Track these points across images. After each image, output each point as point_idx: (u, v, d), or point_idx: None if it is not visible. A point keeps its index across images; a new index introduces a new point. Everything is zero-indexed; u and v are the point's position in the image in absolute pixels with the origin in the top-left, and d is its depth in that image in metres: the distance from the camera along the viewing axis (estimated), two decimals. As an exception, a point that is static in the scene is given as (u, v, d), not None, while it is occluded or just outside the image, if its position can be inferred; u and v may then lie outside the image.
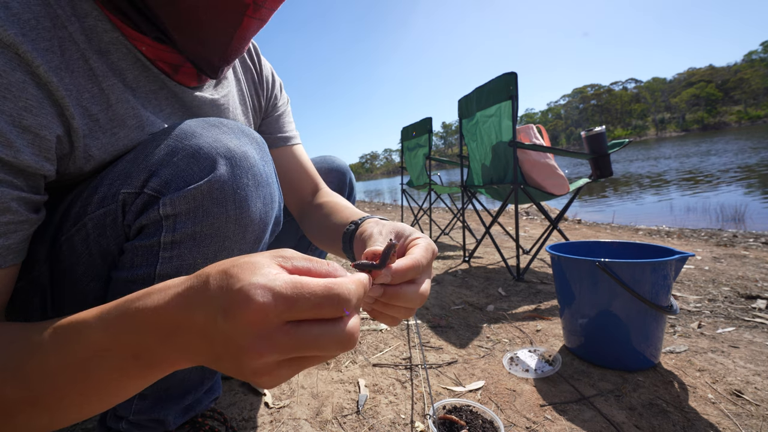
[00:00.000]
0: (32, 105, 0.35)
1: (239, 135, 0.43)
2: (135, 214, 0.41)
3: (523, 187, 1.68)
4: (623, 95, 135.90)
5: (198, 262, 0.42)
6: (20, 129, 0.34)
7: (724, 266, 1.78)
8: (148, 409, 0.54)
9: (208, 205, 0.40)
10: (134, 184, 0.40)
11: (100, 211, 0.42)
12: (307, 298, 0.23)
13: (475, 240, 2.64)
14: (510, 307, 1.35)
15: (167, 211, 0.39)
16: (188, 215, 0.40)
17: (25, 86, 0.34)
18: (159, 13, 0.41)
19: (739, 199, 4.62)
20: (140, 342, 0.26)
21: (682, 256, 0.84)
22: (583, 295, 0.92)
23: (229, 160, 0.41)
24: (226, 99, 0.59)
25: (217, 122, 0.44)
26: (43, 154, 0.37)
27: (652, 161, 13.44)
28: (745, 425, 0.68)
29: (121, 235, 0.43)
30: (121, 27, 0.43)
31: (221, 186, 0.40)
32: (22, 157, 0.34)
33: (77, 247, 0.43)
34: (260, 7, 0.43)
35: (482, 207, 2.27)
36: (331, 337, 0.24)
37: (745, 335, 1.03)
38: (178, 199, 0.39)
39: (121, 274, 0.42)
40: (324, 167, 0.85)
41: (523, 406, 0.77)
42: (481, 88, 1.82)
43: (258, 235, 0.46)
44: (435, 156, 2.89)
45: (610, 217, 4.34)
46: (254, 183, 0.43)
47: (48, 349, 0.28)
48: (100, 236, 0.42)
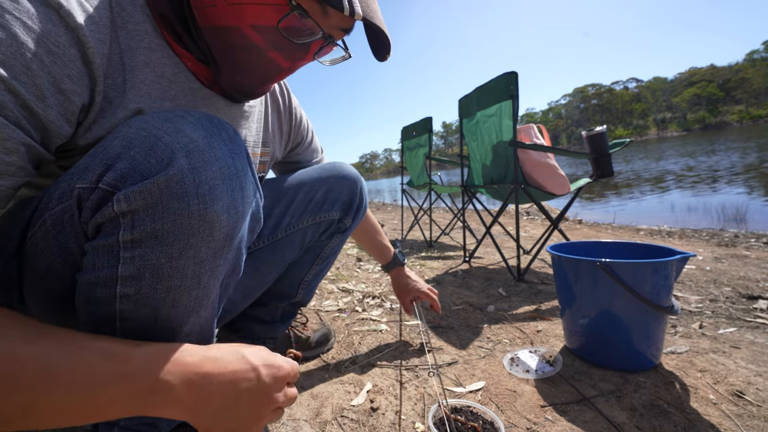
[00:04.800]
0: (74, 75, 0.41)
1: (204, 124, 0.42)
2: (91, 210, 0.39)
3: (524, 186, 1.68)
4: (624, 95, 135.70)
5: (162, 261, 0.39)
6: (57, 90, 0.39)
7: (725, 266, 1.78)
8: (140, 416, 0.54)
9: (168, 201, 0.37)
10: (89, 179, 0.38)
11: (58, 208, 0.40)
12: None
13: (475, 240, 2.64)
14: (510, 307, 1.35)
15: (122, 208, 0.37)
16: (146, 211, 0.37)
17: (75, 61, 0.40)
18: (214, 51, 0.50)
19: (740, 199, 4.61)
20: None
21: (684, 256, 0.84)
22: (584, 296, 0.92)
23: (190, 152, 0.39)
24: (252, 108, 0.66)
25: (183, 113, 0.42)
26: (67, 116, 0.41)
27: (652, 161, 13.42)
28: (746, 426, 0.67)
29: (81, 234, 0.41)
30: (169, 41, 0.50)
31: (181, 179, 0.38)
32: (49, 112, 0.39)
33: (39, 244, 0.42)
34: (294, 69, 0.55)
35: (482, 207, 2.26)
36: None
37: (746, 336, 1.03)
38: (134, 194, 0.37)
39: (84, 276, 0.40)
40: (334, 175, 0.82)
41: (523, 406, 0.76)
42: (482, 88, 1.82)
43: (228, 232, 0.42)
44: (435, 156, 2.88)
45: (611, 217, 4.33)
46: (221, 175, 0.40)
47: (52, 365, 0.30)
48: (59, 234, 0.41)
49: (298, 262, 0.87)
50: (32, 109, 0.37)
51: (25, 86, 0.36)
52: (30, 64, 0.36)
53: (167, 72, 0.50)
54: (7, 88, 0.35)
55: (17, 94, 0.36)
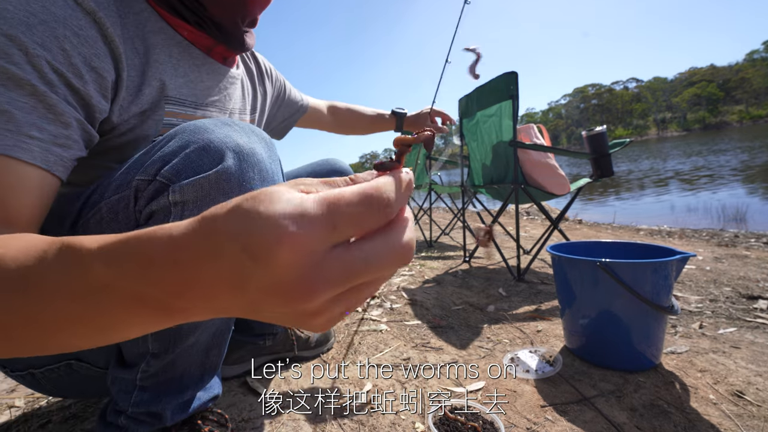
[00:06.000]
0: (99, 53, 0.45)
1: (249, 133, 0.47)
2: (146, 200, 0.44)
3: (524, 186, 1.68)
4: (624, 95, 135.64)
5: None
6: (89, 68, 0.43)
7: (725, 266, 1.78)
8: (147, 402, 0.55)
9: (215, 195, 0.43)
10: (148, 172, 0.44)
11: (114, 197, 0.45)
12: (347, 212, 0.19)
13: (475, 240, 2.64)
14: (510, 307, 1.35)
15: (176, 198, 0.42)
16: (195, 203, 0.43)
17: (96, 41, 0.44)
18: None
19: (740, 199, 4.61)
20: (147, 286, 0.22)
21: (684, 256, 0.84)
22: (584, 296, 0.92)
23: (237, 155, 0.44)
24: (240, 74, 0.72)
25: (229, 121, 0.47)
26: (102, 92, 0.45)
27: (653, 161, 13.41)
28: (746, 426, 0.67)
29: (132, 221, 0.46)
30: (167, 18, 0.55)
31: (228, 177, 0.43)
32: (88, 87, 0.43)
33: (91, 230, 0.46)
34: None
35: (483, 207, 2.26)
36: (387, 250, 0.21)
37: (746, 336, 1.03)
38: (187, 186, 0.42)
39: None
40: (326, 169, 0.87)
41: (523, 406, 0.76)
42: (482, 88, 1.82)
43: None
44: (435, 156, 2.88)
45: (611, 217, 4.33)
46: (260, 177, 0.45)
47: (47, 272, 0.24)
48: (112, 221, 0.46)
49: None
50: (74, 86, 0.42)
51: (64, 66, 0.40)
52: (64, 45, 0.40)
53: (174, 52, 0.56)
54: (52, 69, 0.39)
55: (61, 73, 0.40)
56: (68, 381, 0.60)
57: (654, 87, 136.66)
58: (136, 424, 0.55)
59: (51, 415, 0.78)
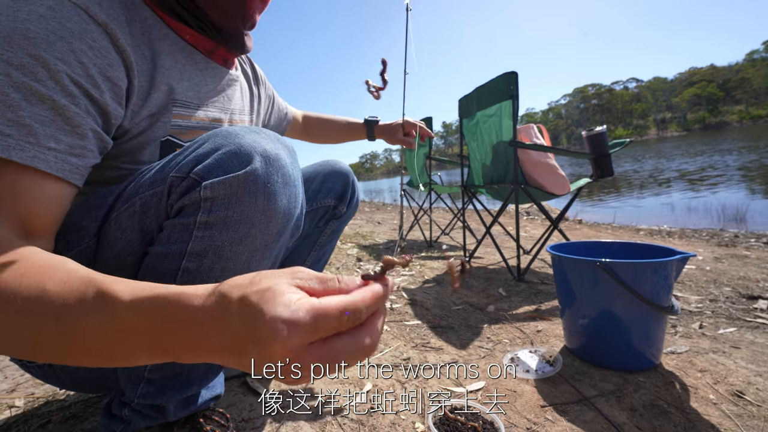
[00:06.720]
0: (113, 63, 0.47)
1: (274, 141, 0.51)
2: (178, 195, 0.47)
3: (524, 186, 1.68)
4: (624, 95, 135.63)
5: (225, 244, 0.48)
6: (105, 78, 0.46)
7: (725, 266, 1.78)
8: (152, 395, 0.56)
9: (242, 194, 0.46)
10: (183, 170, 0.47)
11: (149, 192, 0.49)
12: (328, 323, 0.26)
13: (475, 240, 2.64)
14: (510, 307, 1.35)
15: (206, 194, 0.46)
16: (224, 200, 0.46)
17: (109, 51, 0.47)
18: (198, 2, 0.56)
19: (740, 199, 4.61)
20: (166, 338, 0.30)
21: (684, 256, 0.84)
22: (584, 296, 0.92)
23: (264, 159, 0.47)
24: (239, 76, 0.75)
25: (257, 129, 0.51)
26: (118, 100, 0.49)
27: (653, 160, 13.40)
28: (746, 426, 0.67)
29: (162, 215, 0.49)
30: (170, 23, 0.57)
31: (255, 178, 0.46)
32: (104, 96, 0.46)
33: (123, 223, 0.50)
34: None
35: (482, 207, 2.26)
36: (352, 349, 0.28)
37: (746, 336, 1.03)
38: (218, 184, 0.45)
39: (157, 249, 0.49)
40: (326, 170, 0.89)
41: (523, 406, 0.76)
42: (482, 88, 1.82)
43: (280, 229, 0.51)
44: (435, 156, 2.88)
45: (611, 217, 4.33)
46: (283, 181, 0.49)
47: (86, 315, 0.32)
48: (145, 214, 0.49)
49: (297, 249, 0.91)
50: (92, 96, 0.45)
51: (83, 77, 0.43)
52: (81, 58, 0.43)
53: (179, 57, 0.59)
54: (72, 81, 0.42)
55: (80, 85, 0.43)
56: (86, 374, 0.61)
57: (654, 87, 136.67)
58: (140, 417, 0.57)
59: (51, 415, 0.78)
